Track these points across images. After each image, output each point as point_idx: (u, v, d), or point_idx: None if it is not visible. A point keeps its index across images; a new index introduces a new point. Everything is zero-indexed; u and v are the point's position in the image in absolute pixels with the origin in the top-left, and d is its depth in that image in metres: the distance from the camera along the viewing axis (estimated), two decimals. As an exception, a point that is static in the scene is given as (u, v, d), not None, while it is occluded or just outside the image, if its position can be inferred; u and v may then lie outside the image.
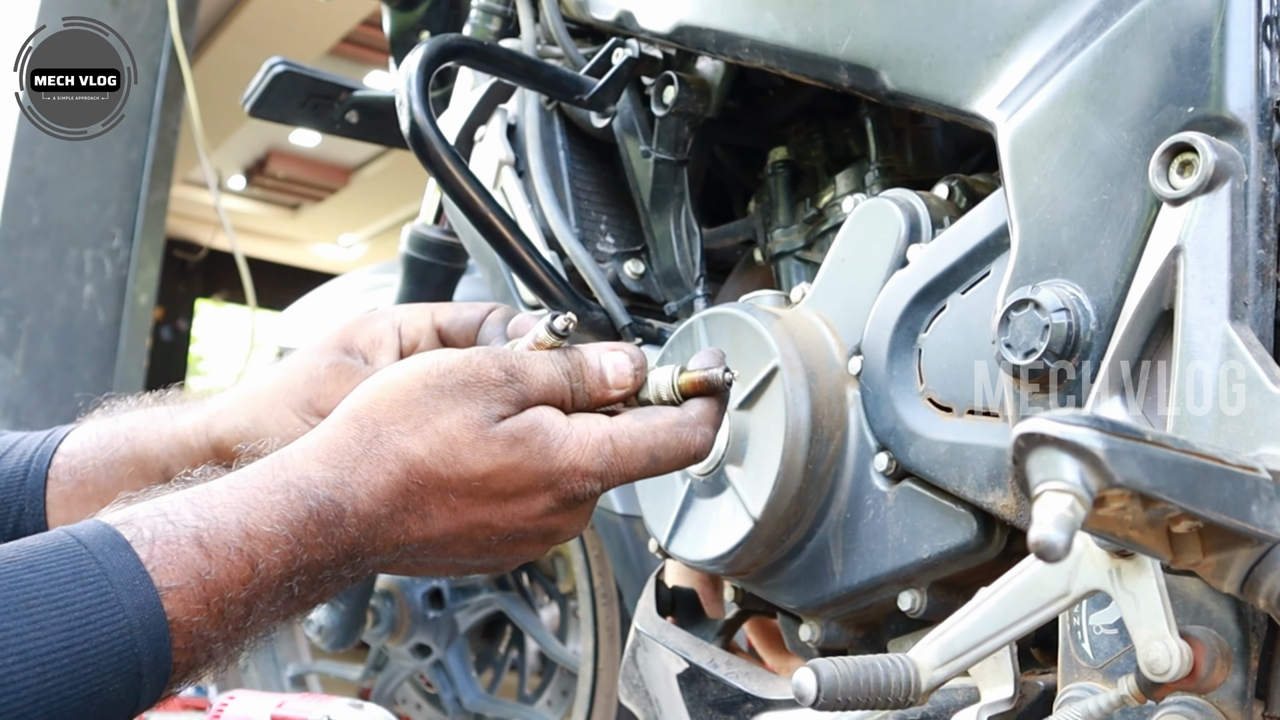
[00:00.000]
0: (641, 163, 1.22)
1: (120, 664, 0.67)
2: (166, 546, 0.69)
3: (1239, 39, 0.74)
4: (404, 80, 1.09)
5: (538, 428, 0.79)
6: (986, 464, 0.84)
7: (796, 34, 1.02)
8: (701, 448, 0.83)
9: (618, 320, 1.17)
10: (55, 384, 3.79)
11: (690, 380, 0.84)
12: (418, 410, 0.78)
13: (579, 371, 0.83)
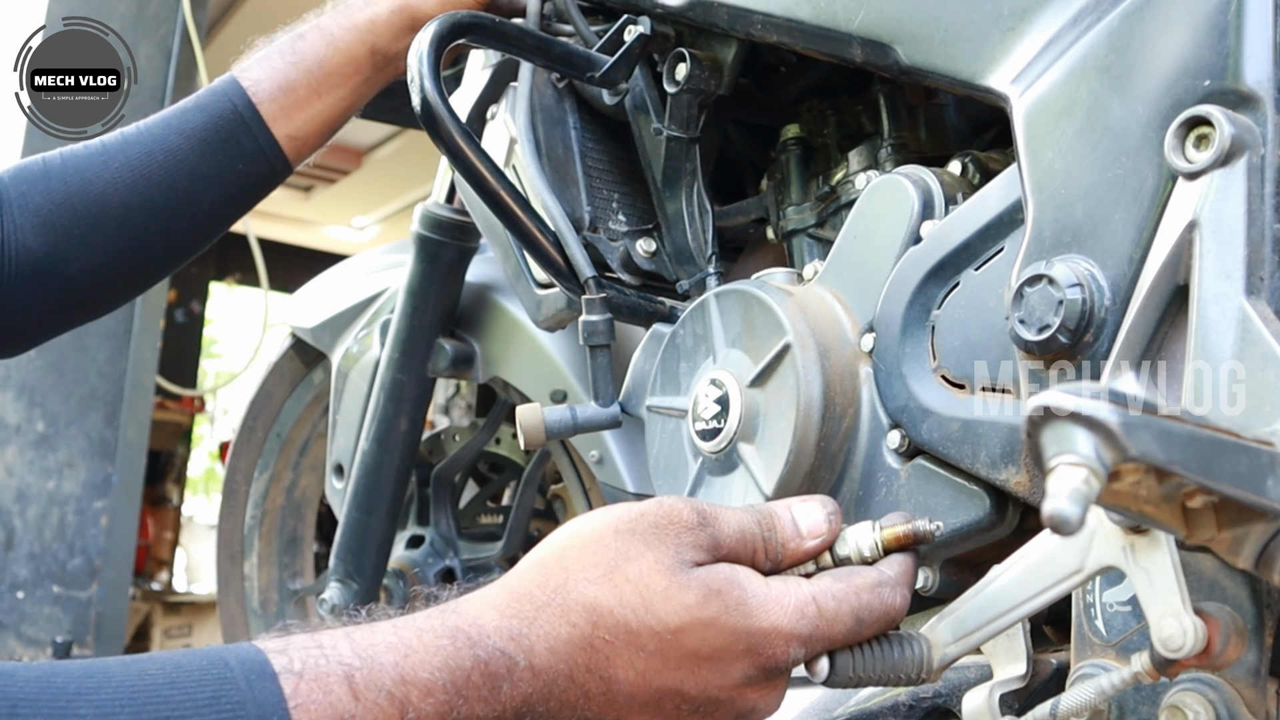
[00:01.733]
0: (653, 140, 1.22)
1: None
2: (314, 683, 0.66)
3: (1256, 10, 0.73)
4: (415, 58, 1.08)
5: (734, 582, 0.73)
6: (1000, 441, 0.84)
7: (809, 9, 1.01)
8: (903, 610, 0.77)
9: (581, 272, 1.16)
10: (69, 365, 3.80)
11: (895, 535, 0.79)
12: (607, 556, 0.73)
13: (770, 521, 0.78)
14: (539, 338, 1.47)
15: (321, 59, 1.27)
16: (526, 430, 1.14)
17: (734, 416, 0.98)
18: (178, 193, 1.21)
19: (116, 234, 1.19)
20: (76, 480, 3.81)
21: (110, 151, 1.20)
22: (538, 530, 1.80)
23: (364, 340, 1.72)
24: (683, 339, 1.06)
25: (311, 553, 2.10)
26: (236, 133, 1.23)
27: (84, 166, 1.19)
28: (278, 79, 1.25)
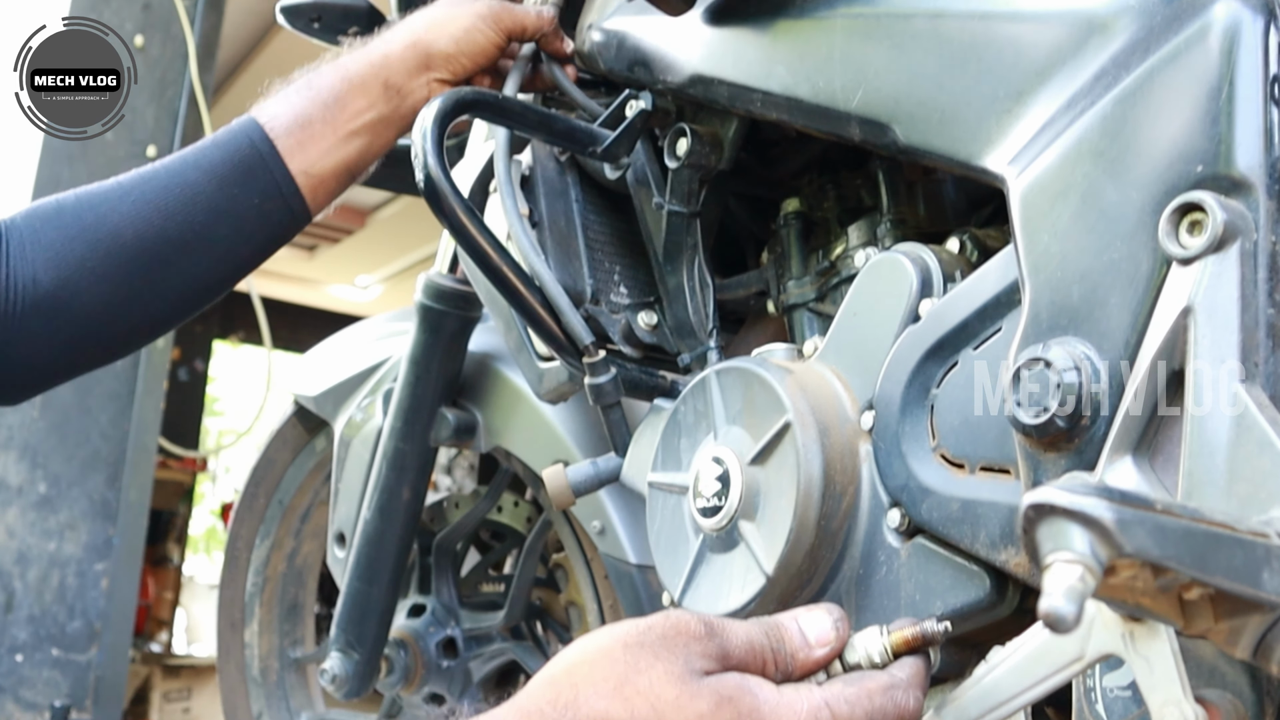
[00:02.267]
0: (654, 214, 1.23)
1: None
2: None
3: (1247, 98, 0.75)
4: (419, 134, 1.10)
5: (746, 689, 0.73)
6: (999, 521, 0.84)
7: (808, 88, 1.03)
8: (916, 712, 0.77)
9: (580, 339, 1.15)
10: (72, 427, 3.80)
11: (903, 638, 0.79)
12: (617, 670, 0.72)
13: (778, 632, 0.78)
14: (541, 408, 1.48)
15: (337, 93, 1.28)
16: (554, 492, 1.15)
17: (735, 494, 0.98)
18: (193, 226, 1.21)
19: (130, 267, 1.18)
20: (78, 542, 3.81)
21: (126, 187, 1.21)
22: (539, 599, 1.79)
23: (367, 409, 1.72)
24: (684, 415, 1.06)
25: (312, 620, 2.09)
26: (253, 166, 1.23)
27: (99, 202, 1.19)
28: (293, 112, 1.26)
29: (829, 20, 1.02)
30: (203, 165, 1.22)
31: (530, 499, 1.76)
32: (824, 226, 1.21)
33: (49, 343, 1.18)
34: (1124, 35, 0.82)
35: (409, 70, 1.29)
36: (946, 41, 0.93)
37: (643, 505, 1.12)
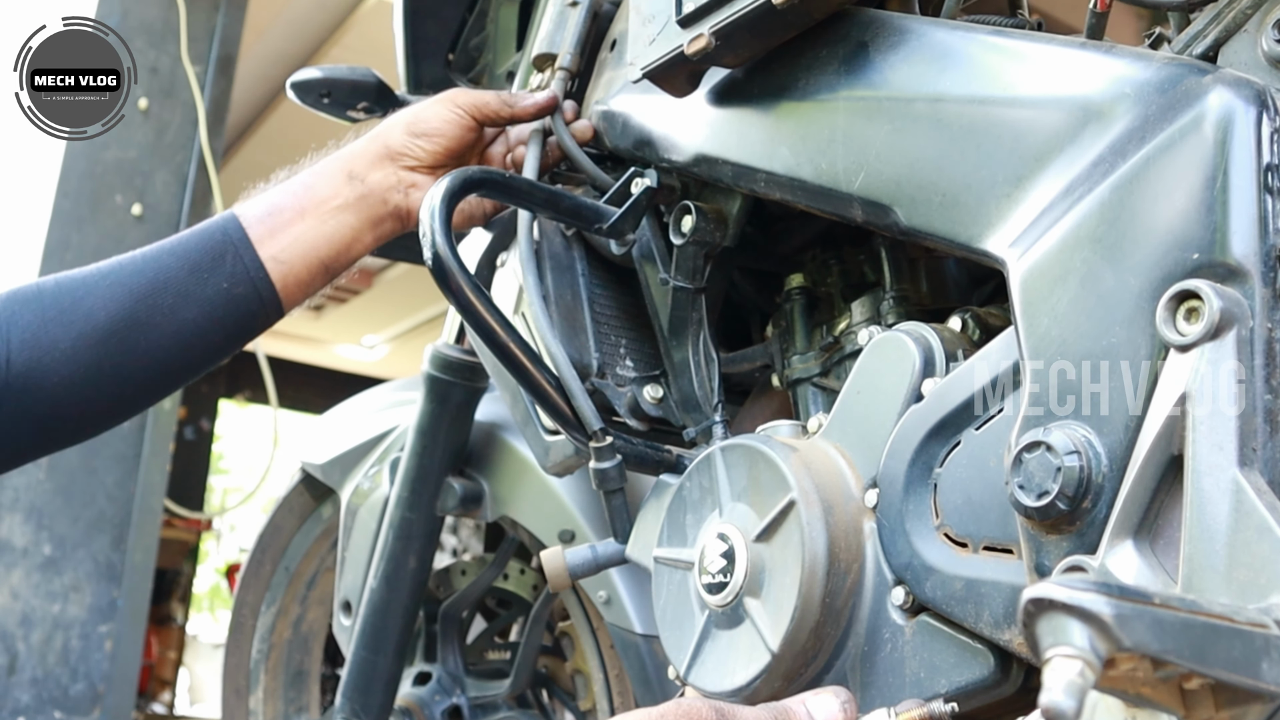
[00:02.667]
0: (660, 290, 1.24)
1: None
2: None
3: (1241, 186, 0.76)
4: (427, 212, 1.11)
5: None
6: (1002, 601, 0.85)
7: (811, 169, 1.04)
8: None
9: (589, 424, 1.16)
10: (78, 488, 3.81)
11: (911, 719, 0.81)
12: None
13: (786, 717, 0.80)
14: (547, 478, 1.49)
15: (306, 184, 1.33)
16: (551, 574, 1.15)
17: (740, 571, 0.99)
18: (161, 309, 1.23)
19: (99, 348, 1.20)
20: (82, 604, 3.80)
21: (104, 271, 1.24)
22: (545, 667, 1.79)
23: (374, 477, 1.73)
24: (689, 491, 1.07)
25: (318, 687, 2.09)
26: (223, 251, 1.27)
27: (76, 286, 1.22)
28: (266, 203, 1.31)
29: (831, 103, 1.04)
30: (177, 251, 1.26)
31: (536, 567, 1.76)
32: (828, 302, 1.22)
33: (19, 422, 1.19)
34: (1121, 123, 0.83)
35: (370, 161, 1.34)
36: (947, 126, 0.95)
37: (648, 575, 1.13)
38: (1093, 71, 0.88)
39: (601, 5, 1.42)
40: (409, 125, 1.34)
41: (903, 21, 1.02)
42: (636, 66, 1.14)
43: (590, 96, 1.37)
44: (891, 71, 1.01)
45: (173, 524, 7.44)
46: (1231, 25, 0.86)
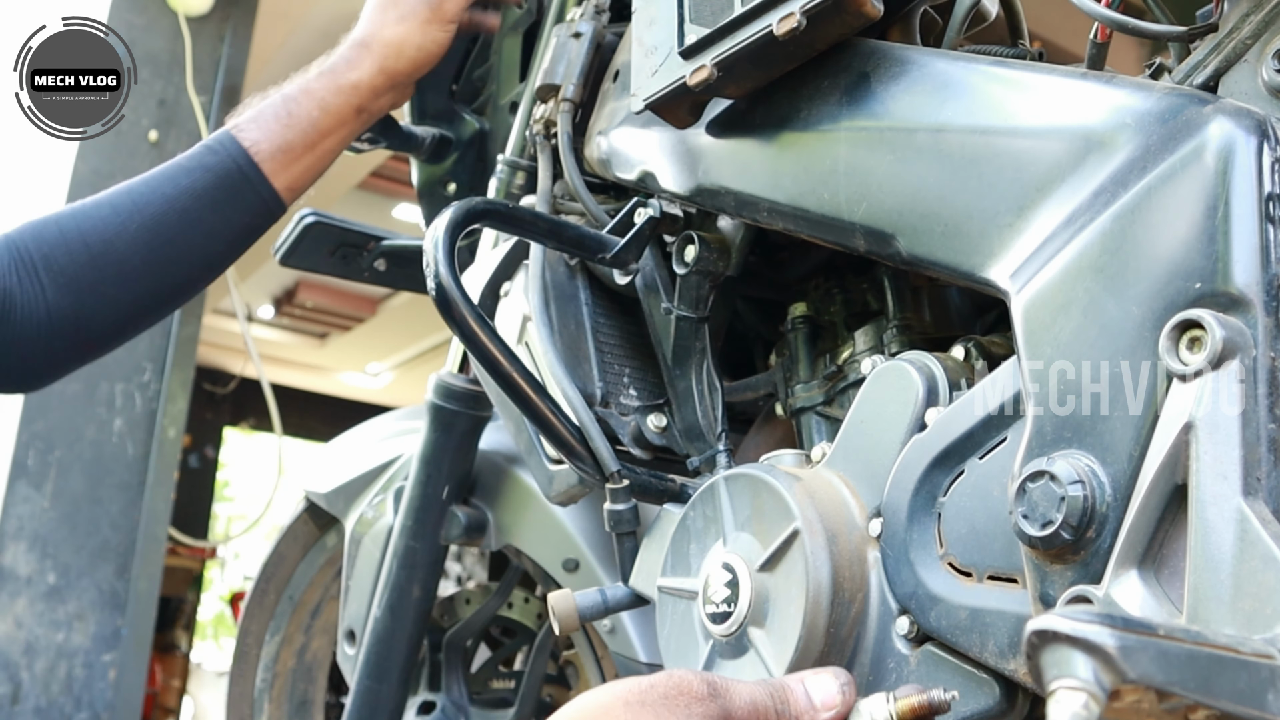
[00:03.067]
0: (663, 319, 1.25)
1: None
2: None
3: (1242, 216, 0.76)
4: (431, 244, 1.12)
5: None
6: (1007, 631, 0.85)
7: (813, 199, 1.05)
8: None
9: (606, 466, 1.16)
10: (82, 517, 3.82)
11: (910, 705, 0.80)
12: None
13: (783, 694, 0.79)
14: (551, 507, 1.49)
15: (314, 121, 1.44)
16: (560, 617, 1.15)
17: (744, 600, 0.99)
18: (192, 246, 1.38)
19: (138, 287, 1.36)
20: (86, 633, 3.80)
21: (125, 213, 1.35)
22: (550, 696, 1.79)
23: (378, 506, 1.73)
24: (693, 520, 1.07)
25: (322, 717, 2.08)
26: (242, 189, 1.40)
27: (102, 228, 1.34)
28: (275, 140, 1.42)
29: (833, 133, 1.05)
30: (195, 190, 1.38)
31: (541, 595, 1.76)
32: (831, 330, 1.22)
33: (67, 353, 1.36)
34: (1122, 153, 0.84)
35: (377, 93, 1.48)
36: (949, 156, 0.95)
37: (653, 604, 1.13)
38: (1094, 101, 0.88)
39: (604, 37, 1.43)
40: (415, 61, 1.48)
41: (904, 52, 1.03)
42: (639, 97, 1.15)
43: (593, 127, 1.37)
44: (893, 102, 1.01)
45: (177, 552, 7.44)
46: (1231, 55, 0.86)
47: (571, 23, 1.45)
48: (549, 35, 1.51)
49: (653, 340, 1.27)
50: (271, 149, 1.41)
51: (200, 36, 4.08)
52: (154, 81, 4.01)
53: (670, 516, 1.15)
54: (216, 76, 4.15)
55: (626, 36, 1.39)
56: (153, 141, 3.96)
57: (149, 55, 4.01)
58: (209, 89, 4.11)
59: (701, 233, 1.20)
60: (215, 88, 4.13)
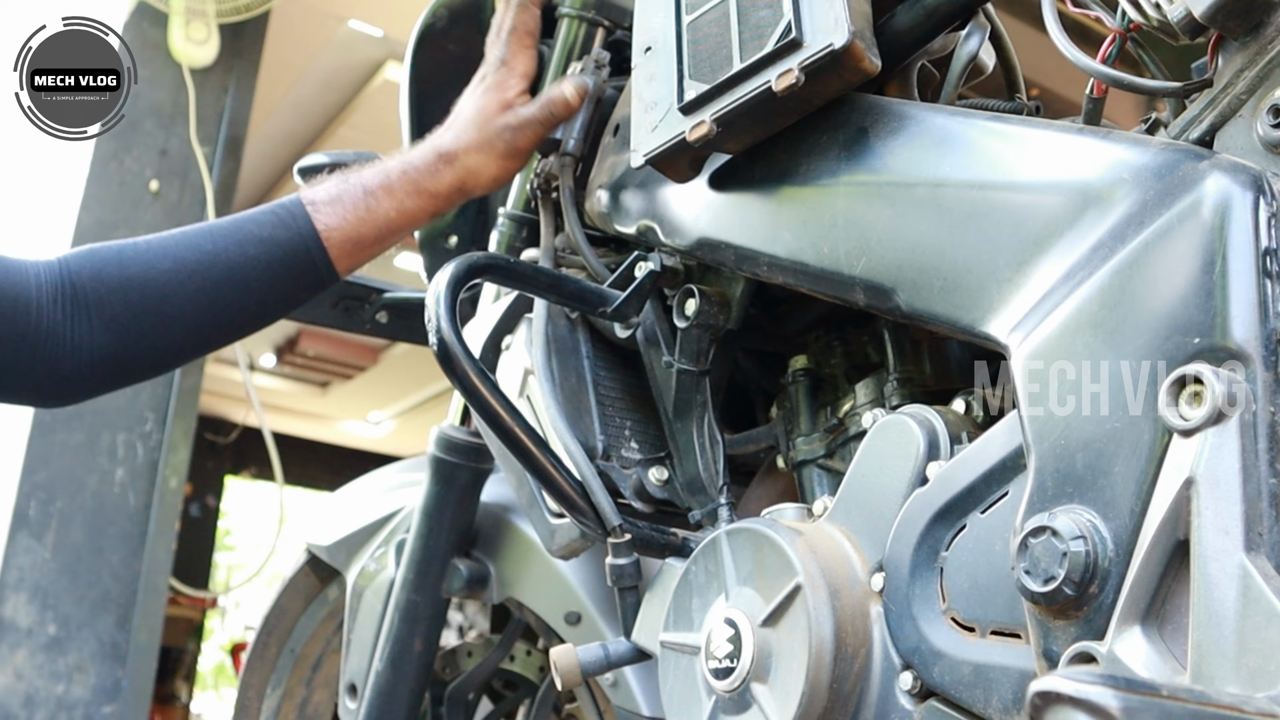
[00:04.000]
0: (664, 372, 1.25)
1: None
2: None
3: (1240, 271, 0.76)
4: (433, 299, 1.12)
5: None
6: (1011, 686, 0.84)
7: (813, 254, 1.05)
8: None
9: (608, 520, 1.16)
10: (84, 567, 3.80)
11: None
12: None
13: None
14: (553, 560, 1.48)
15: (390, 220, 1.43)
16: (562, 672, 1.14)
17: (746, 656, 0.98)
18: (244, 310, 1.39)
19: (183, 340, 1.37)
20: (86, 685, 3.78)
21: (189, 270, 1.35)
22: (552, 750, 1.78)
23: (380, 559, 1.73)
24: (695, 575, 1.07)
25: (323, 771, 2.07)
26: (306, 272, 1.40)
27: (162, 282, 1.34)
28: (349, 233, 1.41)
29: (832, 187, 1.05)
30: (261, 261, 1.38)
31: (543, 649, 1.75)
32: (832, 383, 1.23)
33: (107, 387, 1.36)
34: (1119, 208, 0.84)
35: (451, 204, 1.48)
36: (948, 210, 0.96)
37: (655, 658, 1.13)
38: (1091, 156, 0.89)
39: (604, 91, 1.44)
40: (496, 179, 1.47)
41: (902, 107, 1.04)
42: (639, 153, 1.16)
43: (593, 180, 1.38)
44: (891, 156, 1.02)
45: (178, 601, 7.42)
46: (1227, 110, 0.87)
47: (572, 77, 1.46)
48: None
49: (654, 393, 1.28)
50: (343, 239, 1.40)
51: (204, 88, 4.11)
52: (157, 132, 4.03)
53: (672, 570, 1.15)
54: (220, 127, 4.17)
55: (626, 91, 1.40)
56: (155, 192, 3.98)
57: (153, 106, 4.04)
58: (212, 140, 4.13)
59: (702, 286, 1.20)
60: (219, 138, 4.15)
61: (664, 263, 1.24)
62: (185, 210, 4.02)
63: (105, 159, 3.92)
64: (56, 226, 3.84)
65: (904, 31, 1.11)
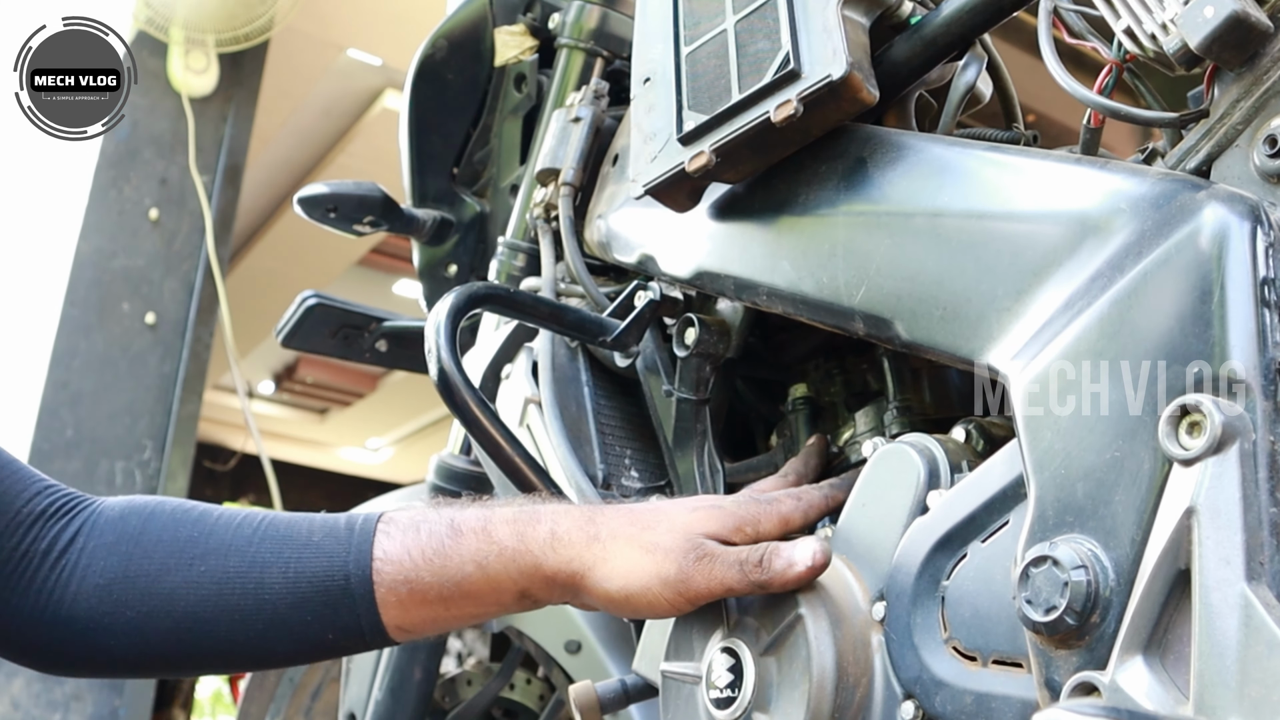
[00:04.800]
0: (664, 401, 1.25)
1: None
2: None
3: (1238, 301, 0.77)
4: (433, 329, 1.12)
5: None
6: (1012, 716, 0.84)
7: (812, 283, 1.05)
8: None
9: None
10: (82, 597, 3.79)
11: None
12: None
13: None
14: (553, 588, 1.48)
15: (466, 577, 1.06)
16: (582, 709, 1.14)
17: (748, 686, 0.98)
18: (251, 634, 1.06)
19: (169, 634, 1.05)
20: (83, 714, 3.76)
21: (209, 562, 1.06)
22: (552, 779, 1.77)
23: (379, 588, 1.72)
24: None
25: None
26: (338, 604, 1.05)
27: (175, 566, 1.06)
28: (407, 573, 1.05)
29: (831, 217, 1.06)
30: (289, 575, 1.06)
31: (543, 677, 1.74)
32: (831, 411, 1.23)
33: (65, 663, 1.08)
34: (1118, 238, 0.84)
35: (553, 591, 1.07)
36: (946, 240, 0.96)
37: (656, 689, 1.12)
38: (1089, 186, 0.89)
39: (603, 121, 1.44)
40: (617, 596, 1.03)
41: (900, 138, 1.04)
42: (639, 183, 1.16)
43: (593, 210, 1.38)
44: (890, 186, 1.03)
45: (175, 630, 7.38)
46: (1224, 140, 0.87)
47: (571, 107, 1.46)
48: (549, 119, 1.53)
49: (654, 422, 1.28)
50: (396, 579, 1.05)
51: (203, 116, 4.12)
52: (156, 161, 4.04)
53: (673, 600, 1.15)
54: (219, 156, 4.18)
55: (625, 121, 1.41)
56: (154, 220, 3.98)
57: (152, 136, 4.05)
58: (211, 168, 4.14)
59: (701, 315, 1.21)
60: (218, 167, 4.16)
61: (664, 292, 1.25)
62: (184, 238, 4.03)
63: (104, 188, 3.93)
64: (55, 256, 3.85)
65: (902, 62, 1.11)
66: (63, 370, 3.81)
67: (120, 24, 3.94)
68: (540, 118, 1.62)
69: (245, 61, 4.28)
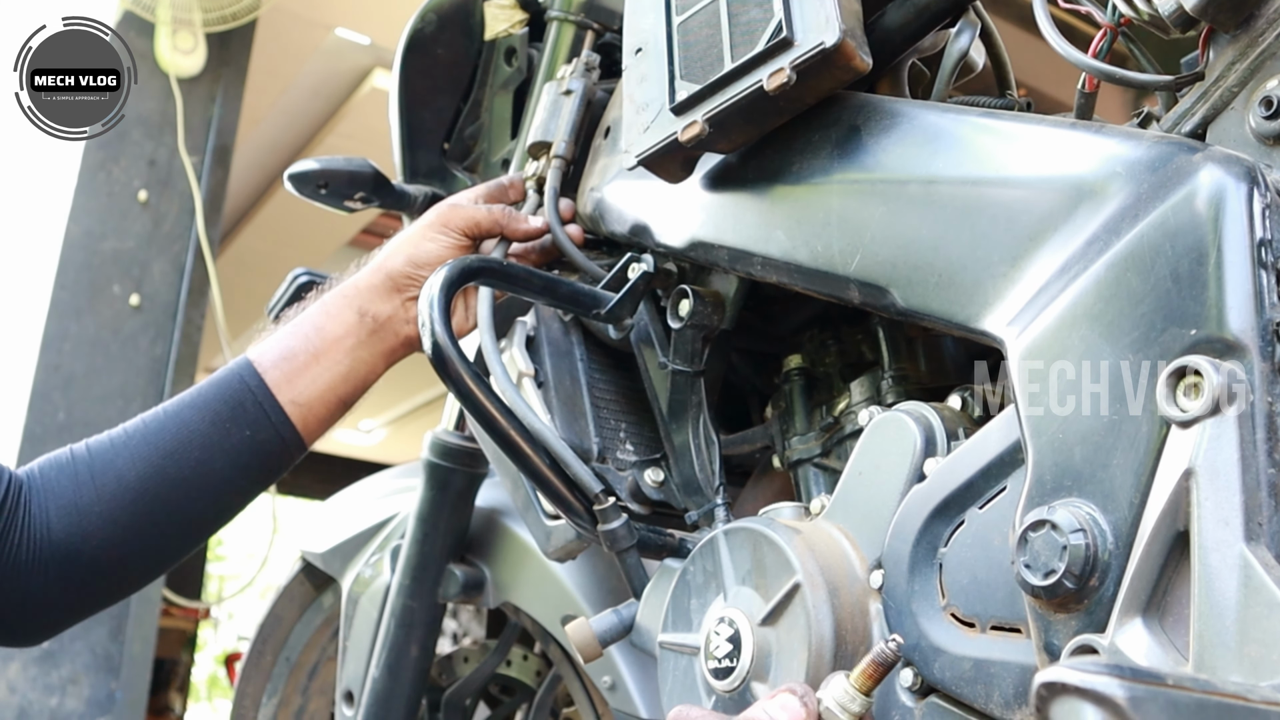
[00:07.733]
0: (659, 373, 1.25)
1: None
2: None
3: (1235, 263, 0.76)
4: (426, 302, 1.12)
5: None
6: (1012, 681, 0.84)
7: (807, 252, 1.05)
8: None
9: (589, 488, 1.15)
10: (76, 580, 3.78)
11: (865, 672, 0.85)
12: None
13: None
14: (548, 563, 1.48)
15: (317, 326, 1.34)
16: (581, 645, 1.14)
17: (746, 655, 0.98)
18: (190, 462, 1.25)
19: (134, 507, 1.22)
20: (80, 697, 3.76)
21: (130, 432, 1.25)
22: (550, 754, 1.77)
23: (375, 565, 1.72)
24: (693, 575, 1.06)
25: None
26: (243, 400, 1.28)
27: (106, 449, 1.24)
28: (278, 348, 1.31)
29: (825, 186, 1.05)
30: (198, 404, 1.28)
31: (539, 653, 1.75)
32: (827, 382, 1.23)
33: (62, 588, 1.21)
34: (1114, 202, 0.84)
35: (378, 295, 1.35)
36: (941, 207, 0.96)
37: (654, 660, 1.12)
38: (1084, 151, 0.89)
39: (595, 93, 1.44)
40: (410, 257, 1.36)
41: (894, 105, 1.04)
42: (631, 154, 1.15)
43: (585, 183, 1.38)
44: (884, 154, 1.02)
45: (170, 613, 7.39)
46: (1219, 103, 0.87)
47: (562, 80, 1.46)
48: (540, 93, 1.52)
49: (648, 395, 1.27)
50: (274, 357, 1.30)
51: (191, 97, 4.10)
52: (145, 142, 4.02)
53: (670, 571, 1.15)
54: (208, 137, 4.17)
55: (617, 93, 1.40)
56: (143, 202, 3.97)
57: (140, 116, 4.03)
58: (200, 149, 4.12)
59: (695, 287, 1.20)
60: (207, 148, 4.15)
61: (657, 264, 1.24)
62: (174, 220, 4.01)
63: (93, 169, 3.91)
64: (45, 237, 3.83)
65: (895, 29, 1.11)
66: (54, 354, 3.80)
67: (107, 5, 3.92)
68: (531, 91, 1.61)
69: (233, 41, 4.26)
